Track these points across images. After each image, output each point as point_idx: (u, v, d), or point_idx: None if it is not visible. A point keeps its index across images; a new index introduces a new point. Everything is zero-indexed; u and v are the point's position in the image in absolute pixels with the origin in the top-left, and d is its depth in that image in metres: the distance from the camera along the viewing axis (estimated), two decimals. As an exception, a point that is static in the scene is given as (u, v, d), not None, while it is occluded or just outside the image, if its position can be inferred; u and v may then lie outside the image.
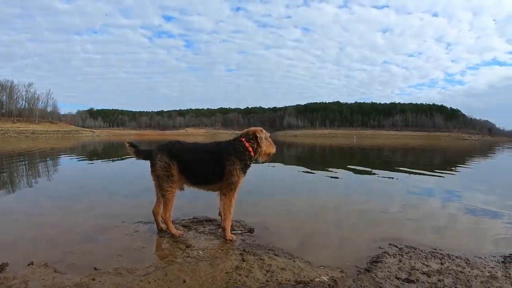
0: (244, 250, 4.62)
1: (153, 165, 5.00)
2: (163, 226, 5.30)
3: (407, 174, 14.80)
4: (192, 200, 7.16)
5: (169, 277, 3.69)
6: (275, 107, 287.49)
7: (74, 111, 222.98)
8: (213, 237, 5.22)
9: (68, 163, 17.38)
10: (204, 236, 5.24)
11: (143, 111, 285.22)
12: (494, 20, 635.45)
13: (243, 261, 4.23)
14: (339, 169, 16.13)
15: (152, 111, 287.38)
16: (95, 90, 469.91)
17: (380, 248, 5.00)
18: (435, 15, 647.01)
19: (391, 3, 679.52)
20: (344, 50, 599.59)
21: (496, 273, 4.27)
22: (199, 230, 5.52)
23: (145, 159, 5.15)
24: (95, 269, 3.87)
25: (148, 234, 5.27)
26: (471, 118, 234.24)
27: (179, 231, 5.22)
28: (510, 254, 4.91)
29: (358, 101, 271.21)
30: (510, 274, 4.26)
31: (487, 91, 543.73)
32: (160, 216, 5.25)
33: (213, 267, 4.01)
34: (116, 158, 18.92)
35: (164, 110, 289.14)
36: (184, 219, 6.05)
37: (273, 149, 5.50)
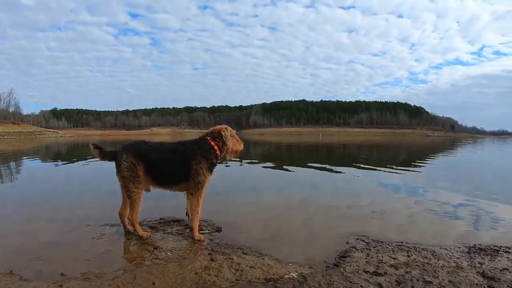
0: (212, 250, 4.71)
1: (118, 166, 4.99)
2: (130, 228, 5.30)
3: (372, 170, 15.32)
4: (158, 200, 7.22)
5: (138, 280, 3.73)
6: (241, 105, 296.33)
7: (37, 111, 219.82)
8: (181, 237, 5.27)
9: (32, 166, 17.00)
10: (172, 237, 5.28)
11: (108, 111, 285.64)
12: (457, 22, 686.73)
13: (212, 260, 4.31)
14: (305, 166, 16.70)
15: (117, 111, 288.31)
16: (58, 90, 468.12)
17: (347, 243, 5.19)
18: (400, 16, 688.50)
19: (357, 4, 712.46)
20: (310, 49, 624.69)
21: (462, 263, 4.51)
22: (166, 231, 5.56)
23: (111, 161, 5.13)
24: (62, 275, 3.85)
25: (115, 236, 5.27)
26: (434, 115, 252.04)
27: (146, 233, 5.25)
28: (475, 245, 5.20)
29: (324, 100, 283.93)
30: (475, 263, 4.50)
31: (450, 90, 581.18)
32: (126, 218, 5.26)
33: (182, 268, 4.07)
34: (80, 160, 18.60)
35: (130, 110, 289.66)
36: (151, 220, 6.08)
37: (240, 146, 5.61)
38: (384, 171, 15.07)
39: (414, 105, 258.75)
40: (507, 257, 4.74)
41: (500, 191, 10.33)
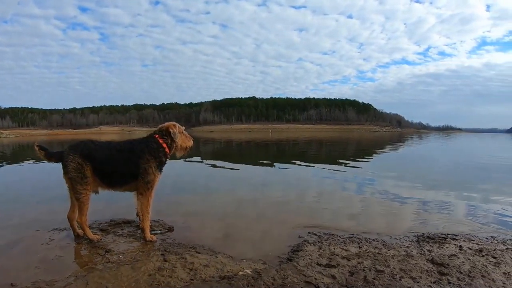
0: (165, 250, 4.84)
1: (65, 167, 4.98)
2: (79, 231, 5.33)
3: (322, 165, 16.12)
4: (108, 202, 7.27)
5: (90, 286, 3.79)
6: (191, 103, 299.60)
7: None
8: (133, 239, 5.36)
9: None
10: (123, 239, 5.36)
11: (55, 109, 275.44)
12: (404, 24, 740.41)
13: (165, 261, 4.44)
14: (256, 163, 17.26)
15: (64, 109, 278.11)
16: (3, 87, 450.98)
17: (300, 237, 5.50)
18: (350, 17, 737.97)
19: (308, 4, 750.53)
20: (261, 47, 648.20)
21: (412, 251, 4.90)
22: (117, 233, 5.63)
23: (57, 162, 5.11)
24: (12, 285, 3.84)
25: (65, 241, 5.27)
26: (381, 111, 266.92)
27: (96, 236, 5.29)
28: (423, 234, 5.64)
29: (274, 97, 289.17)
30: (424, 251, 4.91)
31: (396, 88, 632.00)
32: (76, 221, 5.27)
33: (135, 271, 4.16)
34: (26, 162, 18.10)
35: (77, 108, 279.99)
36: (101, 223, 6.11)
37: (189, 143, 5.75)
38: (333, 165, 15.89)
39: (362, 102, 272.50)
40: (455, 244, 5.18)
41: (444, 181, 11.42)
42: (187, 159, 17.38)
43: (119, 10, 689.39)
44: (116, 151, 5.24)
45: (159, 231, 5.71)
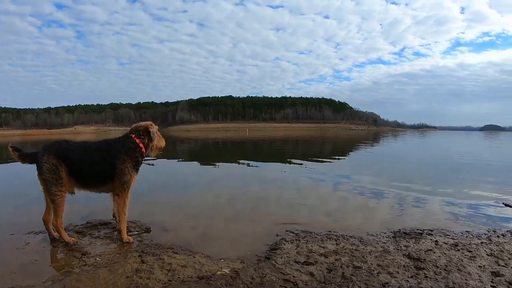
0: (142, 251, 4.88)
1: (39, 168, 4.94)
2: (55, 234, 5.31)
3: (298, 163, 16.37)
4: (84, 203, 7.25)
5: None
6: (168, 101, 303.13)
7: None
8: (110, 241, 5.38)
9: None
10: (100, 241, 5.38)
11: (29, 108, 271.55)
12: (380, 24, 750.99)
13: (143, 262, 4.49)
14: (233, 162, 17.34)
15: (38, 108, 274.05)
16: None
17: (277, 235, 5.63)
18: (327, 17, 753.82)
19: (285, 4, 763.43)
20: (238, 46, 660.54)
21: (389, 247, 5.06)
22: (94, 235, 5.64)
23: (31, 163, 5.08)
24: None
25: (41, 245, 5.26)
26: (357, 110, 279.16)
27: (73, 238, 5.28)
28: (399, 230, 5.83)
29: (250, 95, 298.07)
30: (401, 247, 5.07)
31: (372, 87, 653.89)
32: (51, 224, 5.25)
33: (112, 273, 4.19)
34: None
35: (52, 107, 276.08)
36: (77, 225, 6.11)
37: (163, 143, 5.87)
38: (309, 163, 16.23)
39: (339, 101, 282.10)
40: (431, 239, 5.37)
41: (419, 178, 11.82)
42: (163, 159, 17.41)
43: (96, 8, 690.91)
44: (91, 151, 5.24)
45: (136, 232, 5.75)
